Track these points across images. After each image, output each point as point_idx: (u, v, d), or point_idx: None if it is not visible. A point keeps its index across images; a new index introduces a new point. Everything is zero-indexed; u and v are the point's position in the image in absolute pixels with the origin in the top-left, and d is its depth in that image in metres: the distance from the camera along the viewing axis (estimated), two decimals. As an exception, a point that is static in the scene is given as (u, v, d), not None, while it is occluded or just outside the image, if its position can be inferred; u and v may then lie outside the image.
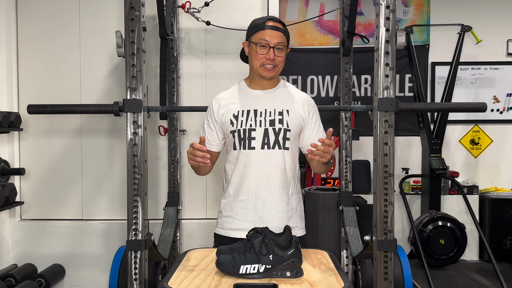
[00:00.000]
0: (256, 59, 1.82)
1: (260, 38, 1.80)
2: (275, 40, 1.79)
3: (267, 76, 1.83)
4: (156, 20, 2.69)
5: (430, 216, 3.61)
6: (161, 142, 3.02)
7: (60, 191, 3.04)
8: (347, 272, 2.72)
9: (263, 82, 1.89)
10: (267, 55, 1.79)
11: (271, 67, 1.82)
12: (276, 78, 1.92)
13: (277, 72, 1.86)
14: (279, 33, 1.81)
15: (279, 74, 1.94)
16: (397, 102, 1.87)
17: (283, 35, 1.82)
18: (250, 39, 1.85)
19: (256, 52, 1.81)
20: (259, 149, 1.82)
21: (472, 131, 4.15)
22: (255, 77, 1.89)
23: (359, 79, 4.15)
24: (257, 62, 1.82)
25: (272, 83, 1.92)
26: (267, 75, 1.83)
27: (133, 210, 1.95)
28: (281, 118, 1.84)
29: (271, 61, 1.80)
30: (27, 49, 3.00)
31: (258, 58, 1.81)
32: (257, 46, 1.81)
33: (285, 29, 1.84)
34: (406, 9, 4.15)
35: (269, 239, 1.47)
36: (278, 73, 1.87)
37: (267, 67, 1.81)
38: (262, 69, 1.82)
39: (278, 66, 1.84)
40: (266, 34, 1.79)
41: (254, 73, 1.88)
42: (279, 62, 1.83)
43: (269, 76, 1.83)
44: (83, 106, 2.20)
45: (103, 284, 2.99)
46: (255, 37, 1.82)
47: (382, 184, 1.89)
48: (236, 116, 1.86)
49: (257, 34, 1.81)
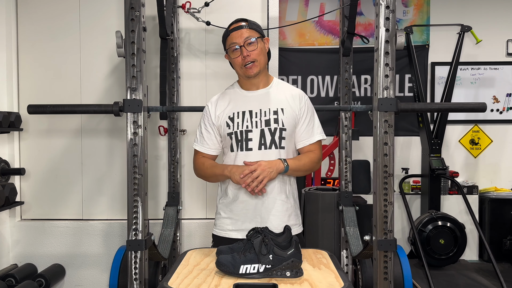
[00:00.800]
0: (235, 65, 1.85)
1: (229, 44, 1.84)
2: (241, 38, 1.80)
3: (252, 74, 1.83)
4: (156, 20, 2.69)
5: (430, 216, 3.60)
6: (161, 142, 3.02)
7: (60, 191, 3.04)
8: (347, 272, 2.73)
9: (254, 83, 1.89)
10: (240, 55, 1.81)
11: (251, 64, 1.81)
12: (267, 77, 1.92)
13: (260, 66, 1.84)
14: (242, 30, 1.81)
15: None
16: (397, 102, 1.87)
17: (248, 30, 1.82)
18: (226, 49, 1.89)
19: (231, 57, 1.84)
20: (257, 150, 1.83)
21: (472, 131, 4.15)
22: (245, 80, 1.90)
23: (359, 79, 4.15)
24: (237, 66, 1.85)
25: (265, 83, 1.91)
26: (250, 73, 1.83)
27: (133, 210, 1.95)
28: (276, 118, 1.84)
29: (248, 58, 1.80)
30: (27, 49, 3.01)
31: (236, 62, 1.84)
32: (229, 52, 1.85)
33: (248, 23, 1.85)
34: (406, 9, 4.15)
35: (269, 239, 1.48)
36: (262, 67, 1.86)
37: (247, 65, 1.81)
38: (244, 70, 1.83)
39: (258, 60, 1.82)
40: (232, 38, 1.82)
41: (242, 77, 1.90)
42: (256, 55, 1.81)
43: (253, 73, 1.83)
44: (83, 106, 2.20)
45: (103, 284, 2.99)
46: (226, 45, 1.87)
47: (382, 184, 1.89)
48: (232, 118, 1.86)
49: (226, 42, 1.86)
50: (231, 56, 1.85)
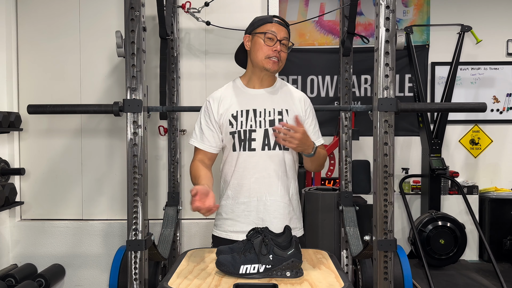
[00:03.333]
0: (261, 51, 1.78)
1: (268, 29, 1.77)
2: (282, 34, 1.78)
3: (271, 69, 1.79)
4: (156, 20, 2.69)
5: (430, 216, 3.61)
6: (161, 142, 3.02)
7: (60, 191, 3.04)
8: (347, 272, 2.72)
9: (261, 80, 1.85)
10: (273, 47, 1.77)
11: (276, 60, 1.78)
12: (273, 77, 1.89)
13: (280, 67, 1.83)
14: (285, 29, 1.80)
15: (279, 74, 1.93)
16: (397, 102, 1.87)
17: (287, 32, 1.82)
18: (255, 31, 1.81)
19: (264, 42, 1.77)
20: (260, 150, 1.79)
21: (472, 131, 4.15)
22: (256, 71, 1.84)
23: (359, 79, 4.15)
24: (263, 54, 1.77)
25: (270, 82, 1.88)
26: (271, 68, 1.79)
27: (133, 210, 1.95)
28: (281, 118, 1.80)
29: (277, 54, 1.77)
30: (27, 49, 3.00)
31: (264, 50, 1.77)
32: (265, 37, 1.77)
33: (289, 29, 1.85)
34: (406, 9, 4.15)
35: (269, 239, 1.47)
36: (280, 68, 1.84)
37: (272, 59, 1.77)
38: (267, 61, 1.78)
39: (282, 62, 1.82)
40: (273, 27, 1.78)
41: (256, 66, 1.82)
42: (283, 58, 1.81)
43: (273, 69, 1.79)
44: (83, 106, 2.20)
45: (103, 284, 2.99)
46: (261, 28, 1.79)
47: (382, 184, 1.89)
48: (235, 116, 1.81)
49: (264, 26, 1.79)
50: (265, 41, 1.77)
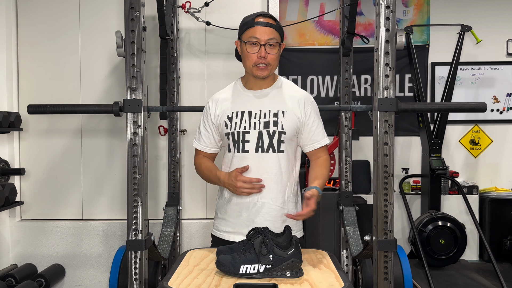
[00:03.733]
0: (248, 59, 1.74)
1: (250, 36, 1.71)
2: (265, 36, 1.70)
3: (260, 76, 1.76)
4: (156, 20, 2.69)
5: (430, 216, 3.60)
6: (161, 142, 3.02)
7: (60, 191, 3.04)
8: (347, 272, 2.72)
9: (258, 82, 1.82)
10: (258, 53, 1.72)
11: (264, 66, 1.73)
12: (272, 76, 1.85)
13: (271, 70, 1.78)
14: (270, 29, 1.71)
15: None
16: (397, 102, 1.87)
17: (274, 31, 1.73)
18: (241, 38, 1.77)
19: (247, 51, 1.73)
20: (253, 152, 1.76)
21: (472, 131, 4.14)
22: (250, 77, 1.82)
23: (359, 79, 4.14)
24: (250, 62, 1.74)
25: (268, 82, 1.84)
26: (260, 75, 1.75)
27: (133, 210, 1.95)
28: (276, 120, 1.77)
29: (263, 59, 1.72)
30: (27, 49, 3.00)
31: (250, 58, 1.73)
32: (247, 45, 1.72)
33: (277, 24, 1.75)
34: (406, 9, 4.15)
35: (269, 239, 1.47)
36: (272, 71, 1.79)
37: (260, 66, 1.73)
38: (255, 69, 1.74)
39: (271, 65, 1.75)
40: (256, 31, 1.71)
41: (248, 73, 1.81)
42: (272, 60, 1.73)
43: (262, 75, 1.76)
44: (83, 106, 2.20)
45: (103, 284, 2.99)
46: (245, 35, 1.74)
47: (382, 184, 1.89)
48: (230, 117, 1.80)
49: (247, 32, 1.73)
50: (247, 49, 1.73)
